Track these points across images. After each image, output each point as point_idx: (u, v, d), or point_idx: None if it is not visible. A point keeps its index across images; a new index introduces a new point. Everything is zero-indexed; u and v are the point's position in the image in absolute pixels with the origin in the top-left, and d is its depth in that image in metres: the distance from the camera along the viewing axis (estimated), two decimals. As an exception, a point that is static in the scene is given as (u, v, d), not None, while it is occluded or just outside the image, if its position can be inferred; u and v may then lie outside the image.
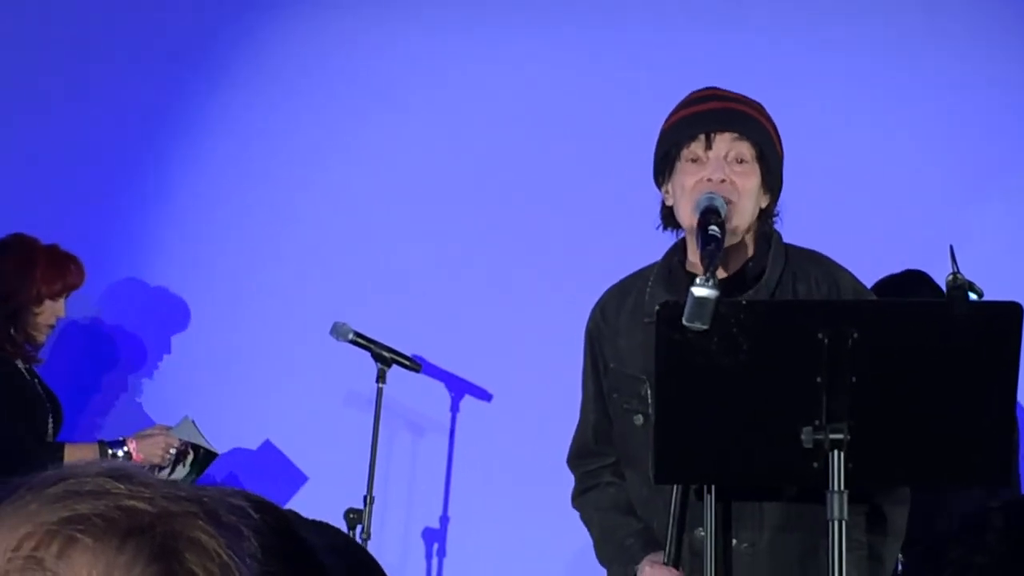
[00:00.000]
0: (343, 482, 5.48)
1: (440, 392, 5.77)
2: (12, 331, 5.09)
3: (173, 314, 5.95)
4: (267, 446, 5.85)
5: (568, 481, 3.84)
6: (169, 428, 5.18)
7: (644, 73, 5.77)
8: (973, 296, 3.59)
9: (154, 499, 0.95)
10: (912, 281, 5.07)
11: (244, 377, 5.89)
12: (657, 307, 3.31)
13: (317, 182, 5.95)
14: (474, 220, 5.86)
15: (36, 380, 5.20)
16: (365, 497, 5.22)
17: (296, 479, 5.84)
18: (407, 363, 5.39)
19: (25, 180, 5.97)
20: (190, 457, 5.20)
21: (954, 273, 3.19)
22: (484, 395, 5.78)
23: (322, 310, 5.63)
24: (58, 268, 5.18)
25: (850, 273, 3.66)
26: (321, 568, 1.03)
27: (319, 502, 5.67)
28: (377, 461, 5.27)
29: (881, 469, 3.32)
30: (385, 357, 5.33)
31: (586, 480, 3.78)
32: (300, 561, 1.01)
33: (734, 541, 3.49)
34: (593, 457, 3.76)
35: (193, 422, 5.22)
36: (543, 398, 5.33)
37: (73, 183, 5.96)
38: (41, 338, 5.20)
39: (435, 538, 5.74)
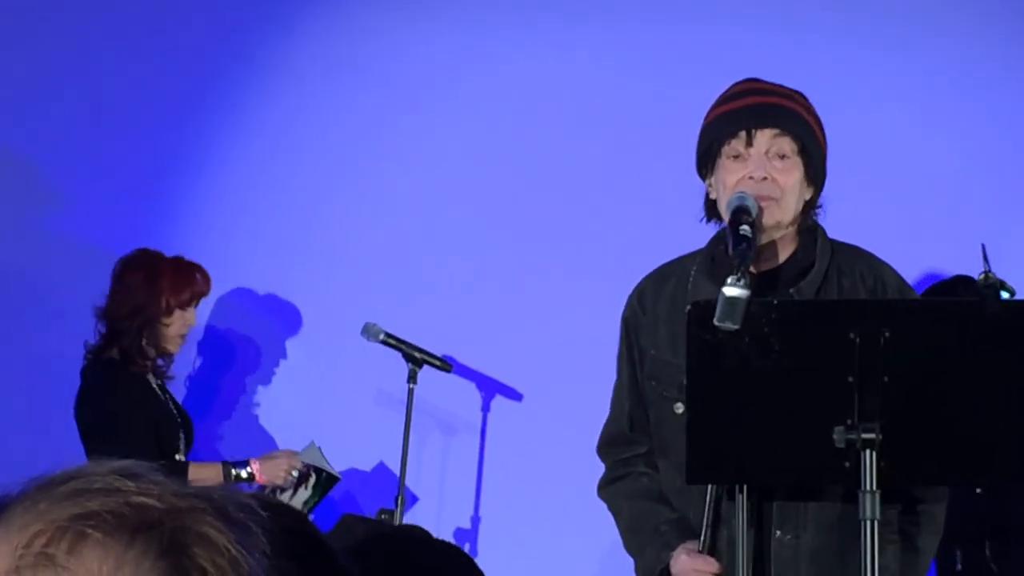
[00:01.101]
0: (375, 482, 5.48)
1: (471, 392, 5.77)
2: (143, 344, 5.15)
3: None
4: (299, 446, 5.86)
5: (600, 480, 3.83)
6: (295, 452, 5.23)
7: (677, 70, 5.76)
8: (1005, 295, 3.57)
9: (163, 496, 0.96)
10: (961, 286, 5.03)
11: (276, 377, 5.90)
12: (688, 307, 3.31)
13: (348, 183, 5.96)
14: (504, 220, 5.85)
15: (167, 397, 5.27)
16: (396, 497, 5.22)
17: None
18: (438, 363, 5.38)
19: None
20: (312, 480, 5.25)
21: (986, 272, 3.19)
22: (515, 395, 5.78)
23: (353, 311, 5.63)
24: (184, 277, 5.25)
25: (893, 268, 3.65)
26: (342, 570, 1.03)
27: (351, 502, 5.68)
28: (408, 461, 5.27)
29: (914, 468, 3.30)
30: (416, 357, 5.33)
31: (617, 469, 3.75)
32: (316, 562, 1.01)
33: (777, 533, 3.48)
34: (627, 445, 3.73)
35: (319, 448, 5.27)
36: (574, 398, 5.32)
37: (106, 181, 5.98)
38: (174, 349, 5.26)
39: (466, 538, 5.74)
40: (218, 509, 0.96)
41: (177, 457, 5.14)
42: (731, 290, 3.17)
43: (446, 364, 5.42)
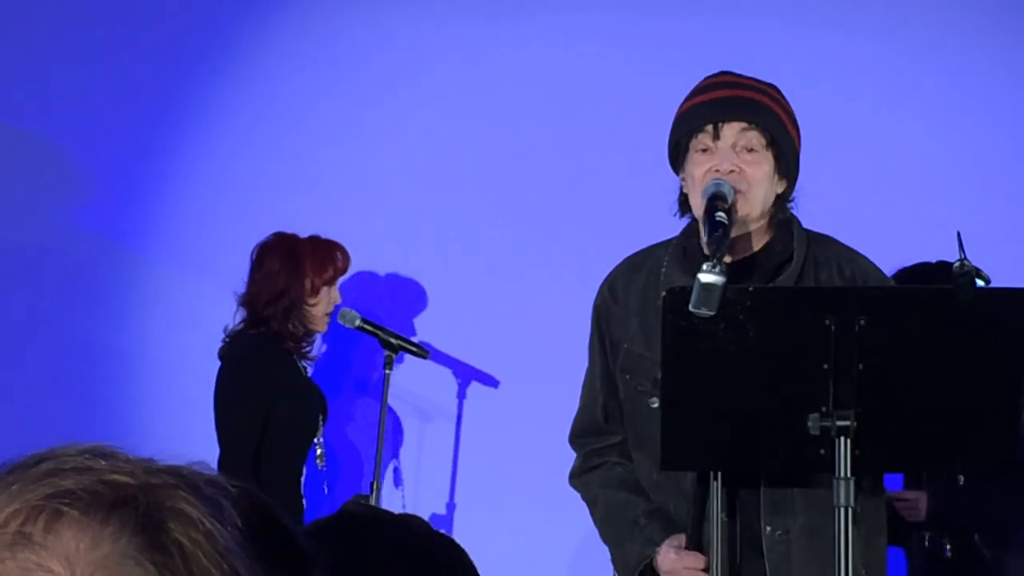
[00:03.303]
0: (350, 468, 5.48)
1: (447, 379, 5.77)
2: (291, 327, 5.17)
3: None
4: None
5: (574, 467, 3.82)
6: None
7: (658, 63, 5.76)
8: (980, 283, 3.58)
9: (135, 473, 0.97)
10: (942, 271, 5.02)
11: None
12: (663, 294, 3.30)
13: (325, 169, 5.95)
14: (481, 207, 5.85)
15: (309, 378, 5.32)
16: (372, 483, 5.22)
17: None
18: (414, 350, 5.38)
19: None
20: None
21: (961, 260, 3.18)
22: (491, 382, 5.78)
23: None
24: (325, 255, 5.27)
25: (868, 259, 3.64)
26: (301, 551, 1.04)
27: (327, 489, 5.67)
28: (384, 448, 5.27)
29: (888, 455, 3.31)
30: (392, 343, 5.32)
31: (591, 459, 3.72)
32: (280, 544, 1.02)
33: (767, 528, 3.47)
34: (600, 435, 3.71)
35: None
36: (550, 385, 5.32)
37: (87, 169, 5.97)
38: (322, 328, 5.28)
39: (441, 525, 5.73)
40: (190, 485, 0.97)
41: (316, 439, 5.18)
42: (707, 276, 3.17)
43: (423, 350, 5.41)
